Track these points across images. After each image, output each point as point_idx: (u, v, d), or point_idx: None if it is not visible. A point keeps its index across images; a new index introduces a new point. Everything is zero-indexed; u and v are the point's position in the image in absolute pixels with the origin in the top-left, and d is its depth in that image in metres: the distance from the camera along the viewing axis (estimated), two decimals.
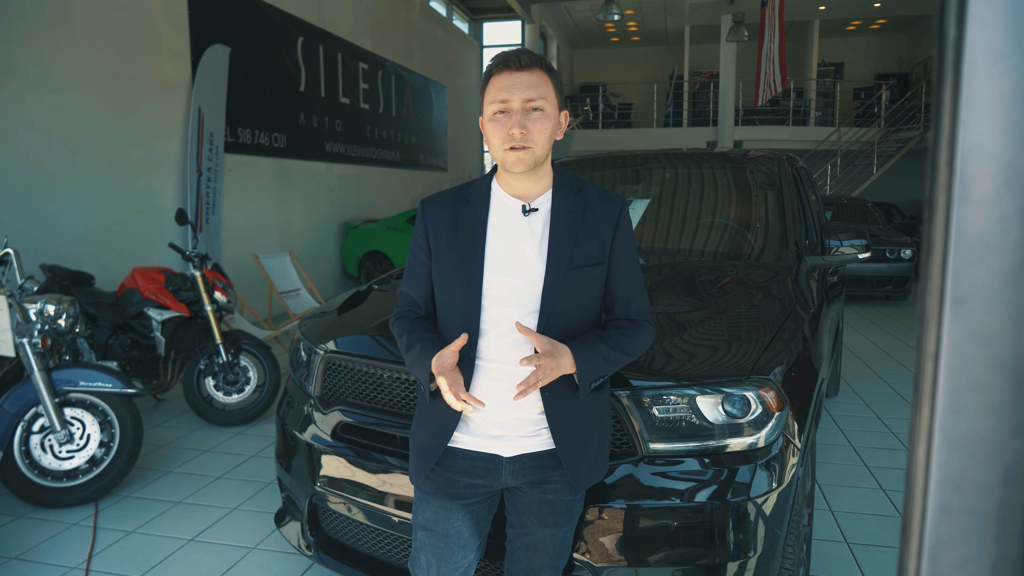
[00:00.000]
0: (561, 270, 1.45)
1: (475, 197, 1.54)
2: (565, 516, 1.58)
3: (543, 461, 1.51)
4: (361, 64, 10.20)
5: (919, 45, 18.83)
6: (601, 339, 1.47)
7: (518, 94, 1.41)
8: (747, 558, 1.82)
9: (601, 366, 1.44)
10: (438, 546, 1.54)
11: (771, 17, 9.18)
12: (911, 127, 15.34)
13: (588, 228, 1.48)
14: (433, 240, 1.53)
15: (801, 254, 2.84)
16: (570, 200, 1.50)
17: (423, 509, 1.57)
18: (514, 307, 1.46)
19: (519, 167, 1.43)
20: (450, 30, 14.68)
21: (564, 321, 1.46)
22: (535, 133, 1.41)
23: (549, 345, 1.38)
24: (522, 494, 1.56)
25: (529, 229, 1.49)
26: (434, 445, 1.52)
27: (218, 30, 7.01)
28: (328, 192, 9.53)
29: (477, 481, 1.53)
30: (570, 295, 1.46)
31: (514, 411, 1.49)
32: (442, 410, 1.50)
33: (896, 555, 2.81)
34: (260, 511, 3.19)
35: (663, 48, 20.40)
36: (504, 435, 1.50)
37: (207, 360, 4.35)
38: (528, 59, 1.43)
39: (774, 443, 1.86)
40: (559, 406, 1.47)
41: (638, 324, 1.53)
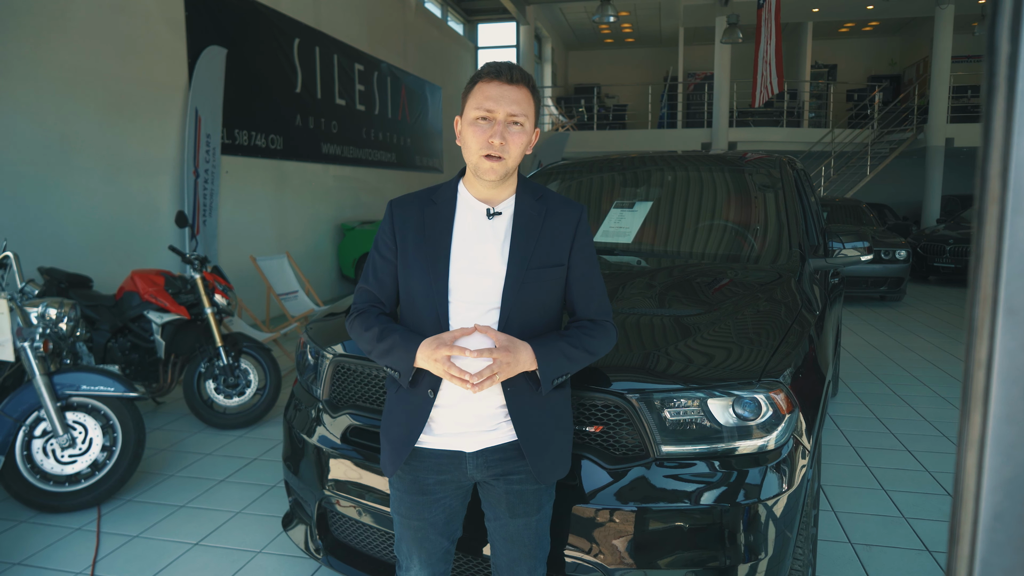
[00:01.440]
0: (521, 271, 1.52)
1: (442, 200, 1.61)
2: (534, 505, 1.62)
3: (505, 453, 1.58)
4: (357, 65, 10.19)
5: (911, 47, 18.96)
6: (563, 337, 1.54)
7: (505, 106, 1.48)
8: (758, 560, 1.83)
9: (563, 363, 1.51)
10: (417, 536, 1.64)
11: (767, 19, 9.22)
12: (904, 129, 15.43)
13: (548, 232, 1.56)
14: (400, 240, 1.59)
15: (804, 256, 2.86)
16: (532, 205, 1.58)
17: (397, 505, 1.66)
18: (477, 304, 1.53)
19: (491, 176, 1.50)
20: (445, 31, 14.68)
21: (524, 320, 1.53)
22: (512, 146, 1.49)
23: (506, 341, 1.46)
24: (491, 487, 1.62)
25: (493, 231, 1.56)
26: (407, 439, 1.57)
27: (215, 31, 6.99)
28: (324, 194, 9.51)
29: (445, 477, 1.60)
30: (530, 295, 1.53)
31: (474, 408, 1.55)
32: (413, 403, 1.56)
33: (900, 556, 2.83)
34: (265, 515, 3.18)
35: (657, 50, 20.46)
36: (465, 431, 1.56)
37: (207, 363, 4.34)
38: (519, 75, 1.51)
39: (784, 445, 1.88)
40: (522, 402, 1.53)
41: (599, 324, 1.60)
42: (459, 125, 1.56)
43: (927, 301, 9.80)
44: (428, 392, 1.54)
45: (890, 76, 19.18)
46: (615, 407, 1.85)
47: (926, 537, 2.99)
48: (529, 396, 1.53)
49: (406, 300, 1.59)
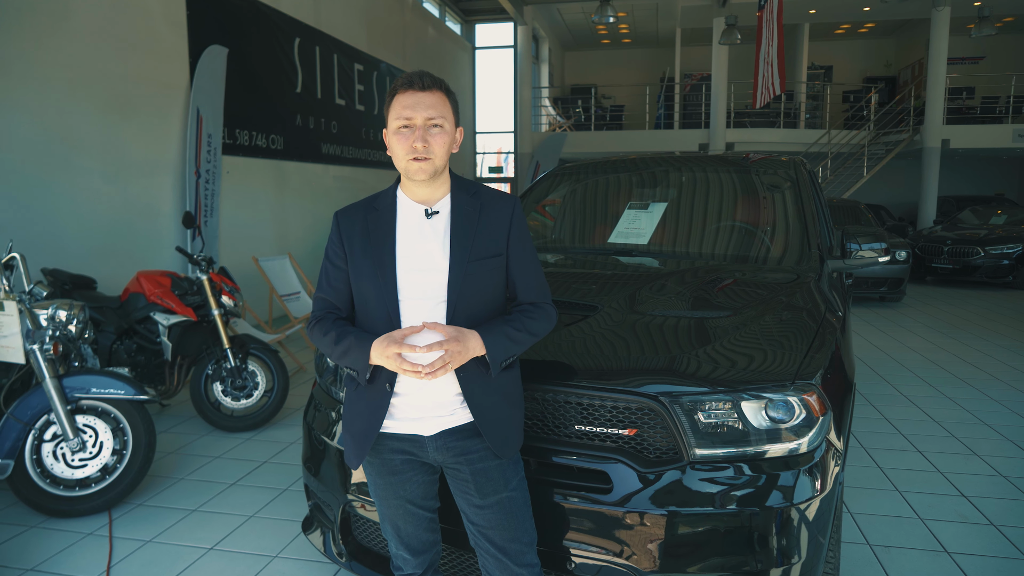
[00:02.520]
0: (463, 264, 1.62)
1: (383, 206, 1.70)
2: (501, 481, 1.69)
3: (460, 434, 1.67)
4: (356, 65, 10.15)
5: (907, 49, 19.04)
6: (507, 322, 1.64)
7: (421, 112, 1.58)
8: (791, 565, 1.82)
9: (508, 346, 1.62)
10: (399, 514, 1.76)
11: (769, 20, 9.24)
12: (900, 130, 15.49)
13: (485, 225, 1.66)
14: (348, 247, 1.68)
15: (823, 258, 2.85)
16: (467, 202, 1.68)
17: (373, 489, 1.78)
18: (426, 300, 1.62)
19: (421, 175, 1.60)
20: (443, 31, 14.65)
21: (470, 309, 1.63)
22: (435, 146, 1.59)
23: (455, 332, 1.56)
24: (456, 471, 1.70)
25: (432, 230, 1.66)
26: (369, 431, 1.67)
27: (216, 31, 6.94)
28: (324, 194, 9.47)
29: (408, 456, 1.71)
30: (473, 286, 1.63)
31: (431, 395, 1.64)
32: (373, 398, 1.66)
33: (919, 557, 2.83)
34: (279, 518, 3.15)
35: (654, 50, 20.48)
36: (423, 416, 1.66)
37: (215, 365, 4.30)
38: (430, 81, 1.61)
39: (817, 448, 1.86)
40: (475, 384, 1.63)
41: (539, 307, 1.71)
42: (387, 138, 1.65)
43: (926, 301, 9.84)
44: (386, 386, 1.64)
45: (886, 77, 19.26)
46: (648, 410, 1.83)
47: (943, 538, 2.99)
48: (481, 379, 1.63)
49: (360, 302, 1.68)
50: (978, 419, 4.62)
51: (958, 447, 4.10)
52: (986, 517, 3.19)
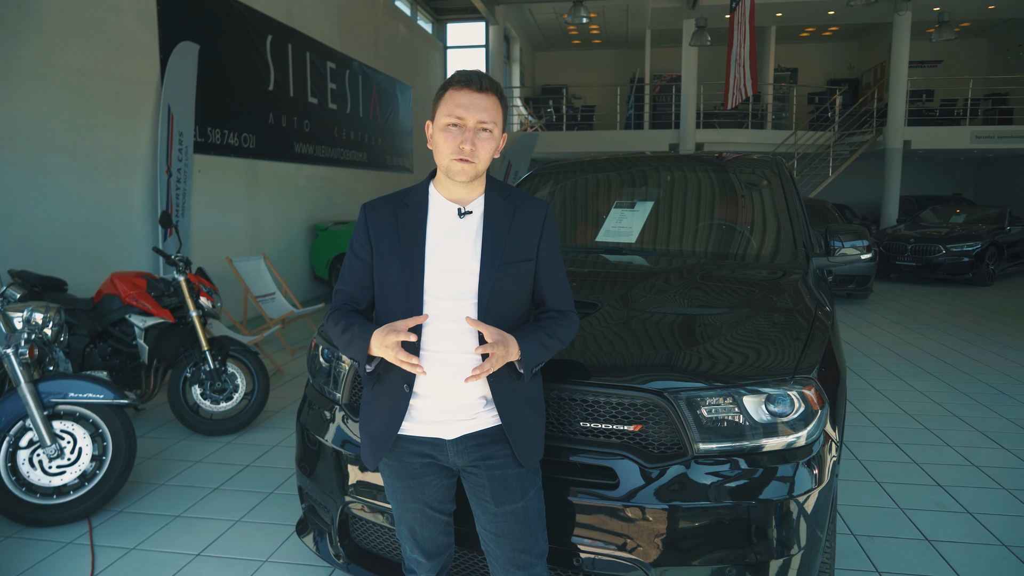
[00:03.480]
0: (494, 266, 1.59)
1: (414, 201, 1.66)
2: (517, 491, 1.66)
3: (483, 439, 1.64)
4: (329, 63, 10.04)
5: (869, 52, 19.51)
6: (540, 328, 1.62)
7: (475, 114, 1.55)
8: (791, 555, 1.85)
9: (541, 352, 1.60)
10: (416, 517, 1.73)
11: (740, 23, 9.38)
12: (863, 131, 15.86)
13: (517, 229, 1.64)
14: (375, 241, 1.65)
15: (809, 255, 2.91)
16: (501, 204, 1.65)
17: (390, 491, 1.75)
18: (453, 300, 1.58)
19: (462, 177, 1.58)
20: (414, 30, 14.58)
21: (499, 313, 1.59)
22: (481, 150, 1.57)
23: (499, 335, 1.52)
24: (473, 476, 1.67)
25: (465, 229, 1.63)
26: (387, 433, 1.63)
27: (187, 27, 6.80)
28: (297, 193, 9.35)
29: (428, 459, 1.67)
30: (503, 289, 1.60)
31: (455, 397, 1.61)
32: (390, 399, 1.62)
33: (901, 545, 2.90)
34: (267, 522, 3.10)
35: (624, 51, 20.65)
36: (444, 420, 1.62)
37: (193, 368, 4.21)
38: (488, 84, 1.58)
39: (816, 441, 1.90)
40: (505, 389, 1.60)
41: (565, 314, 1.68)
42: (430, 129, 1.62)
43: (891, 298, 10.10)
44: (403, 387, 1.60)
45: (849, 80, 19.72)
46: (653, 406, 1.85)
47: (923, 527, 3.07)
48: (509, 384, 1.60)
49: (382, 298, 1.64)
50: (947, 411, 4.75)
51: (931, 438, 4.21)
52: (962, 505, 3.29)
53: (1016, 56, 17.46)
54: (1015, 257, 12.03)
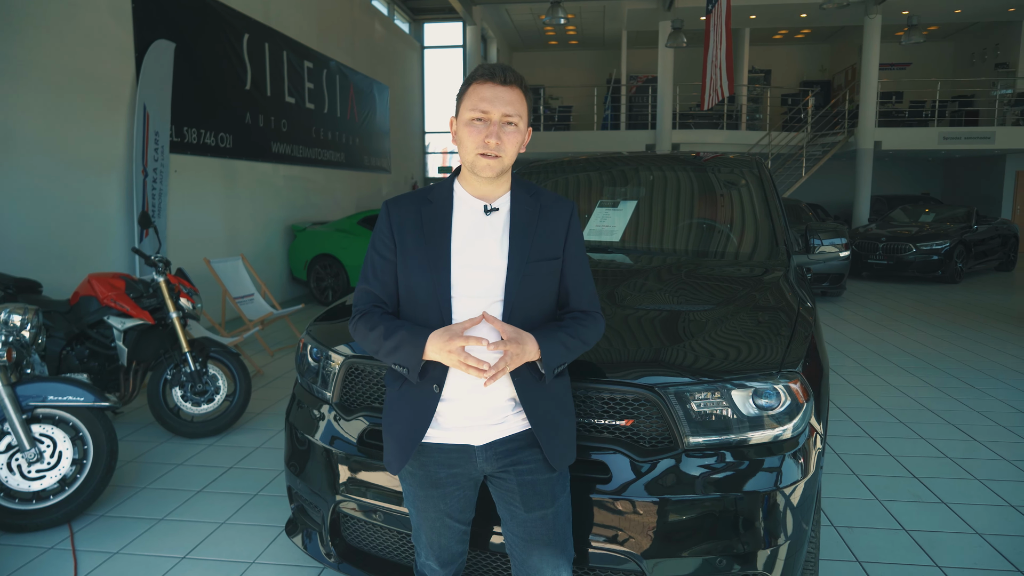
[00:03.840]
0: (522, 264, 1.56)
1: (438, 199, 1.63)
2: (548, 496, 1.63)
3: (513, 444, 1.60)
4: (306, 63, 9.97)
5: (840, 55, 19.86)
6: (561, 328, 1.58)
7: (499, 107, 1.52)
8: (778, 545, 1.89)
9: (562, 352, 1.56)
10: (435, 526, 1.68)
11: (716, 25, 9.50)
12: (835, 132, 16.15)
13: (543, 227, 1.61)
14: (399, 239, 1.60)
15: (790, 253, 2.97)
16: (527, 202, 1.63)
17: (411, 498, 1.69)
18: (480, 298, 1.55)
19: (488, 172, 1.55)
20: (392, 30, 14.52)
21: (525, 312, 1.57)
22: (507, 145, 1.53)
23: (513, 332, 1.49)
24: (502, 480, 1.63)
25: (491, 227, 1.60)
26: (413, 435, 1.58)
27: (163, 25, 6.72)
28: (275, 194, 9.27)
29: (456, 470, 1.62)
30: (529, 287, 1.57)
31: (484, 401, 1.57)
32: (418, 399, 1.58)
33: (879, 536, 2.97)
34: (252, 524, 3.08)
35: (601, 52, 20.77)
36: (472, 425, 1.58)
37: (173, 369, 4.16)
38: (512, 76, 1.54)
39: (802, 433, 1.95)
40: (530, 391, 1.57)
41: (590, 315, 1.65)
42: (454, 125, 1.59)
43: (864, 295, 10.30)
44: (433, 387, 1.55)
45: (821, 82, 20.05)
46: (645, 400, 1.88)
47: (901, 518, 3.15)
48: (535, 385, 1.57)
49: (407, 298, 1.60)
50: (921, 405, 4.87)
51: (905, 431, 4.31)
52: (936, 496, 3.38)
53: (981, 59, 17.90)
54: (982, 255, 12.34)
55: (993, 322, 8.07)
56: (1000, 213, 17.35)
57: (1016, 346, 6.79)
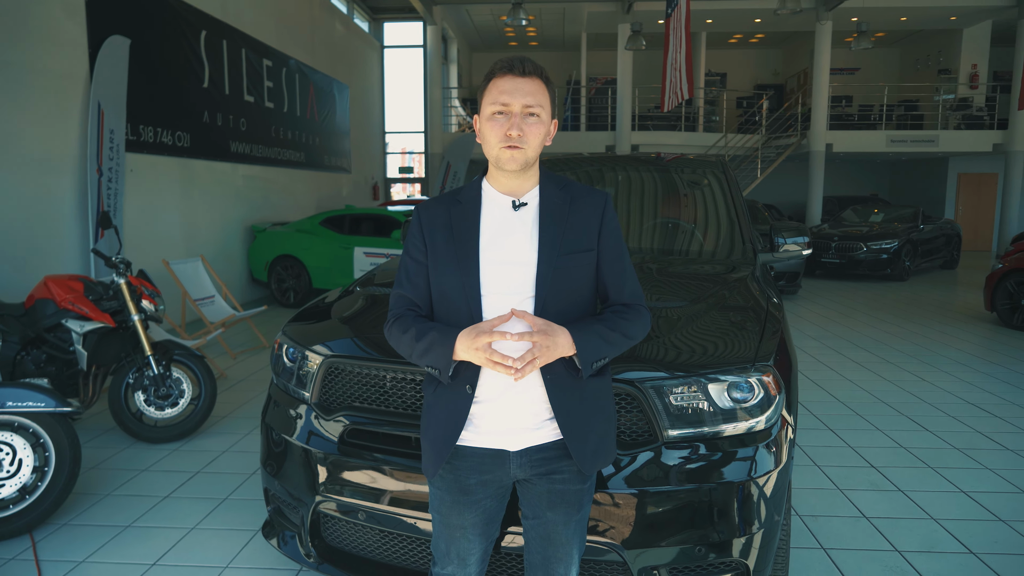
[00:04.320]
0: (553, 257, 1.53)
1: (467, 199, 1.61)
2: (575, 505, 1.62)
3: (549, 452, 1.57)
4: (265, 61, 9.81)
5: (792, 59, 20.40)
6: (598, 320, 1.55)
7: (519, 99, 1.50)
8: (752, 533, 1.96)
9: (600, 346, 1.51)
10: (455, 536, 1.63)
11: (676, 28, 9.68)
12: (789, 134, 16.58)
13: (575, 219, 1.58)
14: (430, 240, 1.59)
15: (756, 251, 3.06)
16: (556, 194, 1.60)
17: (437, 503, 1.65)
18: (511, 295, 1.52)
19: (512, 165, 1.52)
20: (351, 28, 14.38)
21: (559, 307, 1.53)
22: (530, 136, 1.51)
23: (543, 324, 1.46)
24: (532, 485, 1.61)
25: (520, 222, 1.57)
26: (447, 438, 1.56)
27: (117, 20, 6.54)
28: (234, 194, 9.10)
29: (487, 477, 1.58)
30: (562, 281, 1.53)
31: (518, 403, 1.54)
32: (452, 402, 1.55)
33: (842, 524, 3.08)
34: (224, 528, 3.03)
35: (560, 54, 20.91)
36: (509, 429, 1.55)
37: (136, 373, 4.06)
38: (531, 67, 1.52)
39: (774, 425, 2.02)
40: (562, 390, 1.53)
41: (633, 308, 1.60)
42: (478, 123, 1.57)
43: (819, 293, 10.61)
44: (466, 388, 1.53)
45: (775, 85, 20.57)
46: (626, 395, 1.92)
47: (861, 506, 3.27)
48: (570, 384, 1.53)
49: (439, 299, 1.58)
50: (875, 397, 5.05)
51: (862, 423, 4.48)
52: (894, 484, 3.52)
53: (925, 65, 18.60)
54: (928, 253, 12.83)
55: (939, 318, 8.41)
56: (944, 213, 18.06)
57: (961, 340, 7.10)
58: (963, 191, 18.44)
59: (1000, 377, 5.64)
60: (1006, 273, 7.72)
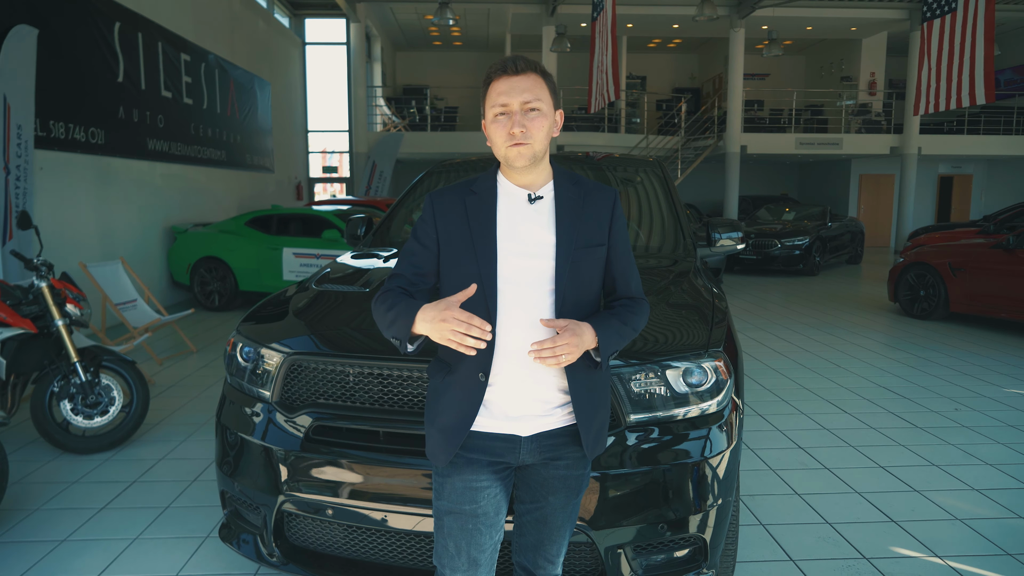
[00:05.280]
0: (570, 250, 1.56)
1: (482, 189, 1.62)
2: (575, 489, 1.68)
3: (558, 439, 1.60)
4: (183, 56, 9.42)
5: (708, 64, 21.23)
6: (614, 315, 1.59)
7: (516, 97, 1.52)
8: (708, 509, 2.08)
9: (617, 340, 1.56)
10: (466, 528, 1.59)
11: (602, 31, 9.91)
12: (706, 136, 17.27)
13: (588, 214, 1.61)
14: (443, 230, 1.59)
15: (695, 246, 3.21)
16: (570, 189, 1.63)
17: (447, 492, 1.61)
18: (530, 287, 1.54)
19: (521, 161, 1.54)
20: (272, 24, 13.99)
21: (576, 298, 1.57)
22: (534, 131, 1.53)
23: (570, 324, 1.47)
24: (535, 471, 1.63)
25: (536, 215, 1.59)
26: (460, 425, 1.56)
27: (23, 8, 6.15)
28: (152, 193, 8.71)
29: (497, 460, 1.60)
30: (579, 274, 1.57)
31: (535, 391, 1.56)
32: (465, 388, 1.55)
33: (777, 501, 3.28)
34: (169, 537, 2.93)
35: (485, 54, 21.01)
36: (522, 415, 1.57)
37: (61, 381, 3.86)
38: (524, 64, 1.54)
39: (725, 407, 2.15)
40: (581, 381, 1.57)
41: (638, 301, 1.66)
42: (486, 128, 1.59)
43: (738, 288, 11.12)
44: (479, 376, 1.53)
45: (692, 89, 21.35)
46: None
47: (793, 484, 3.49)
48: (585, 375, 1.57)
49: (453, 289, 1.56)
50: (798, 384, 5.37)
51: (788, 408, 4.76)
52: (820, 462, 3.77)
53: (829, 72, 19.76)
54: (835, 249, 13.65)
55: (849, 309, 8.99)
56: (847, 212, 19.24)
57: (869, 329, 7.62)
58: (864, 191, 19.70)
59: (905, 362, 6.10)
60: (907, 267, 8.33)
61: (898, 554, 2.83)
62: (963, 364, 6.00)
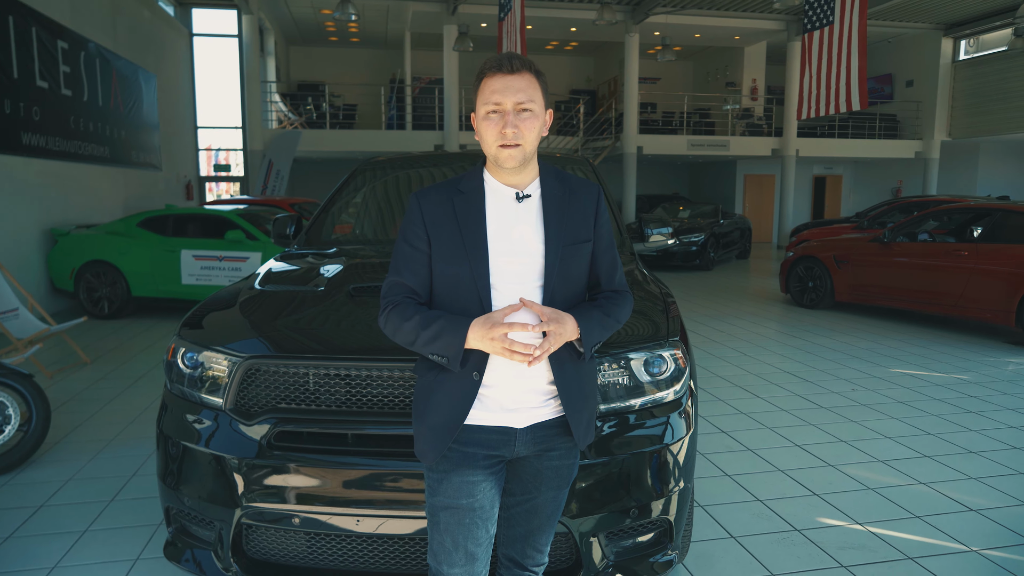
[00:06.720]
0: (558, 247, 1.59)
1: (469, 188, 1.62)
2: (566, 479, 1.71)
3: (551, 430, 1.63)
4: (60, 43, 8.66)
5: (603, 67, 21.90)
6: (596, 307, 1.62)
7: (510, 96, 1.53)
8: (671, 493, 2.16)
9: (600, 331, 1.60)
10: (463, 522, 1.59)
11: (511, 31, 9.98)
12: (604, 137, 17.81)
13: (574, 211, 1.64)
14: (433, 231, 1.58)
15: (631, 241, 3.32)
16: (556, 187, 1.65)
17: (443, 488, 1.60)
18: (520, 284, 1.57)
19: (511, 163, 1.56)
20: (156, 12, 13.14)
21: (564, 294, 1.60)
22: (525, 132, 1.54)
23: (553, 313, 1.51)
24: (527, 463, 1.65)
25: (525, 213, 1.61)
26: (451, 422, 1.56)
27: None
28: (28, 192, 7.98)
29: (493, 453, 1.60)
30: (566, 270, 1.60)
31: (525, 383, 1.58)
32: (457, 387, 1.55)
33: (713, 483, 3.45)
34: (94, 563, 2.70)
35: (383, 51, 20.67)
36: (517, 408, 1.59)
37: None
38: (520, 63, 1.55)
39: (683, 395, 2.24)
40: (566, 372, 1.59)
41: (621, 294, 1.70)
42: (475, 122, 1.60)
43: None
44: (474, 375, 1.54)
45: (588, 91, 21.94)
46: None
47: (722, 465, 3.68)
48: (571, 366, 1.60)
49: (444, 289, 1.58)
50: (711, 372, 5.66)
51: (706, 396, 5.01)
52: (743, 445, 4.00)
53: (715, 78, 20.89)
54: (727, 245, 14.45)
55: (745, 301, 9.56)
56: (734, 209, 20.42)
57: (766, 319, 8.13)
58: (748, 190, 20.99)
59: (802, 348, 6.56)
60: (796, 260, 8.96)
61: (825, 524, 3.05)
62: (853, 348, 6.53)
